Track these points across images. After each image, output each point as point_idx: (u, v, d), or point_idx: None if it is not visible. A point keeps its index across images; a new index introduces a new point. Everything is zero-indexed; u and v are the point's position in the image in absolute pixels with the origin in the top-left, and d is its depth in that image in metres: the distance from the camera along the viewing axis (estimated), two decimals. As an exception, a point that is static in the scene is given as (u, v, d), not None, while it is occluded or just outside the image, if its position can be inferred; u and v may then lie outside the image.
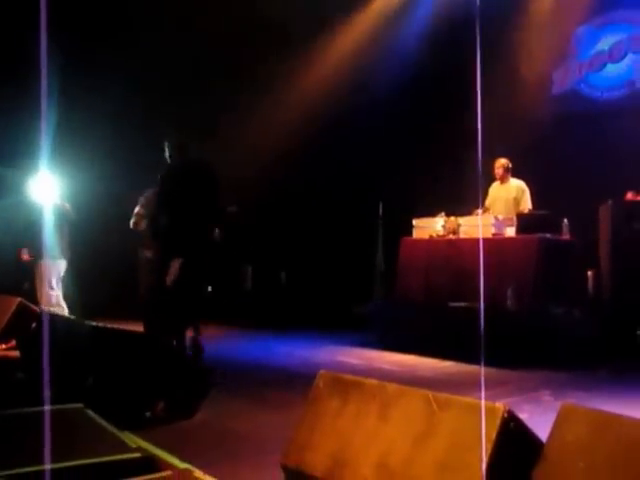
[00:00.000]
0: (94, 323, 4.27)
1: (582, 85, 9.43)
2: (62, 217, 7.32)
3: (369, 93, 9.82)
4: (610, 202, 7.11)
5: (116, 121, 9.56)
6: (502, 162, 7.46)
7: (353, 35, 10.31)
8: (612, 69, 9.13)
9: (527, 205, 7.35)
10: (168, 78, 10.14)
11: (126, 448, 2.97)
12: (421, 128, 9.78)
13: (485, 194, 7.60)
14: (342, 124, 9.93)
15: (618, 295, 6.87)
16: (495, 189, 7.58)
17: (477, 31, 2.70)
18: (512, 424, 2.01)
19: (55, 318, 4.63)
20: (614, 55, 9.09)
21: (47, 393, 3.38)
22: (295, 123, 9.84)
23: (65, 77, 7.90)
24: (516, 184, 7.48)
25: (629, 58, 8.95)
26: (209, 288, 7.87)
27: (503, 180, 7.50)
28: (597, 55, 9.28)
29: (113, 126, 9.53)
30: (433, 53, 9.48)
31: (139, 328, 5.41)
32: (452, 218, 7.09)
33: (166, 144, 5.84)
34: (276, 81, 10.09)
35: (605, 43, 9.20)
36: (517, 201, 7.39)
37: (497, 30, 8.16)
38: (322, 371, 2.79)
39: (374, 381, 2.61)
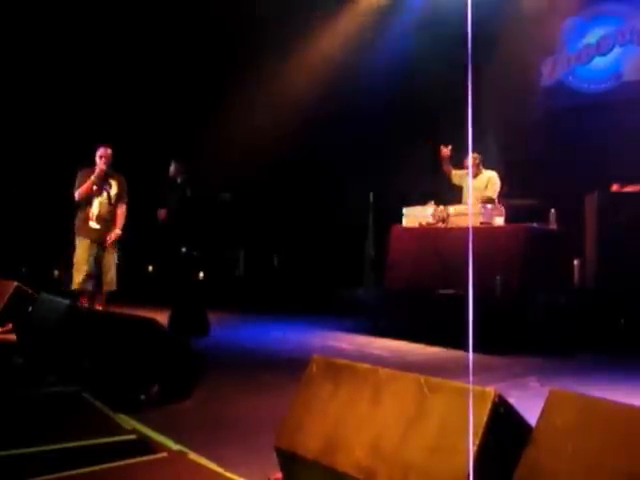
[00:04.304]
0: (89, 307, 4.32)
1: (570, 77, 9.51)
2: None
3: (362, 84, 9.83)
4: (596, 193, 7.20)
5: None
6: (474, 157, 7.18)
7: (341, 29, 10.29)
8: (600, 62, 9.21)
9: (491, 194, 7.29)
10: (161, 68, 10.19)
11: (121, 430, 3.02)
12: (411, 119, 9.82)
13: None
14: (334, 114, 9.95)
15: (602, 284, 6.98)
16: (466, 180, 7.49)
17: (469, 23, 2.72)
18: (502, 409, 2.04)
19: (51, 302, 4.65)
20: (602, 48, 9.17)
21: (44, 376, 3.43)
22: (287, 112, 9.86)
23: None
24: (487, 175, 7.47)
25: (616, 51, 9.04)
26: (201, 274, 7.98)
27: (476, 175, 7.41)
28: (585, 48, 9.36)
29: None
30: (422, 44, 9.49)
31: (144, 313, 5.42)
32: (441, 207, 7.14)
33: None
34: (272, 71, 10.10)
35: (593, 36, 9.29)
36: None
37: (487, 21, 8.19)
38: (315, 355, 2.81)
39: (367, 365, 2.63)
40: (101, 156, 6.57)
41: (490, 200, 7.12)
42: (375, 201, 9.74)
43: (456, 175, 7.55)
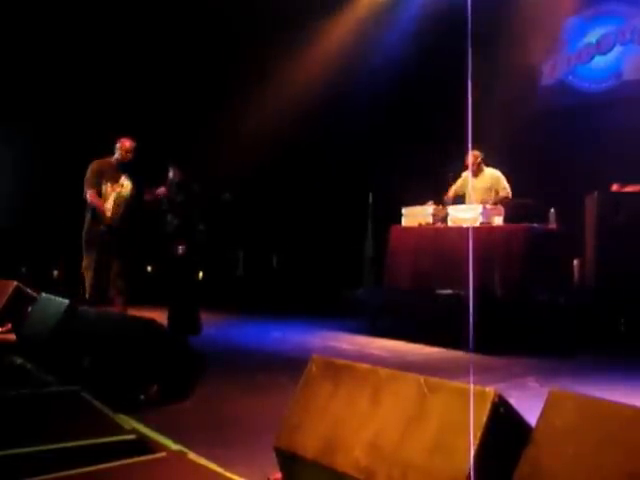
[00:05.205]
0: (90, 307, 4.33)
1: (570, 77, 9.50)
2: None
3: (361, 85, 9.83)
4: (596, 193, 7.18)
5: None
6: (475, 155, 7.22)
7: (340, 28, 10.27)
8: (600, 61, 9.19)
9: (505, 191, 7.34)
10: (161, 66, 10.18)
11: (121, 430, 3.02)
12: (410, 119, 9.81)
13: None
14: (333, 113, 9.95)
15: (602, 284, 6.97)
16: (468, 179, 7.50)
17: (469, 21, 2.72)
18: (502, 409, 2.04)
19: (51, 302, 4.65)
20: (602, 47, 9.15)
21: (44, 376, 3.44)
22: (287, 112, 9.85)
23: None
24: (490, 173, 7.49)
25: (617, 50, 9.02)
26: (200, 274, 7.98)
27: (477, 174, 7.43)
28: (585, 47, 9.35)
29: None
30: (421, 44, 9.47)
31: (144, 313, 5.42)
32: (441, 207, 7.15)
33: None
34: (269, 71, 10.10)
35: (593, 35, 9.28)
36: (492, 189, 7.40)
37: (487, 20, 8.18)
38: (315, 355, 2.81)
39: (366, 365, 2.63)
40: (129, 150, 6.00)
41: (507, 200, 7.13)
42: (374, 201, 9.73)
43: (457, 186, 7.57)
